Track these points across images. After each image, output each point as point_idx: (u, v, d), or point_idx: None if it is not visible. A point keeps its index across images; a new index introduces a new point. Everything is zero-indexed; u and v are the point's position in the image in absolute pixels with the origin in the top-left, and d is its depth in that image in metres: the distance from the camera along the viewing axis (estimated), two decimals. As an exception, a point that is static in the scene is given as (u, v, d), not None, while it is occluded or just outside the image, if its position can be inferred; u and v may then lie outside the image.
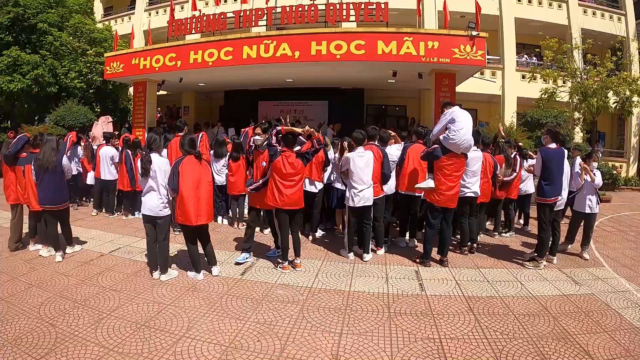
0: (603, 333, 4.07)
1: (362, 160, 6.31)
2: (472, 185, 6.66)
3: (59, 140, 7.03)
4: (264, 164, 5.97)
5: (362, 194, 6.27)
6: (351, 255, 6.47)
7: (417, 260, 6.19)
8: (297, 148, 6.02)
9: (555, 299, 4.93)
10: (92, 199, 11.02)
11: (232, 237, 7.72)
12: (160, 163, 5.69)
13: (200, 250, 5.78)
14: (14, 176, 7.24)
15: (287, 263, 5.99)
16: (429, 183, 6.11)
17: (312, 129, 6.19)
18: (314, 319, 4.32)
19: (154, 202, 5.62)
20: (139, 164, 5.78)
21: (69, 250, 6.95)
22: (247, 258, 6.23)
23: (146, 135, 6.36)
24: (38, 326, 4.29)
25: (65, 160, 6.71)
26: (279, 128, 5.94)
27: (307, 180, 7.00)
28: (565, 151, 6.36)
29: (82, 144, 10.41)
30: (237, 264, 6.11)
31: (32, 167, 6.63)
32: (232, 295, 5.02)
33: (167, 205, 5.69)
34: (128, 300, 4.92)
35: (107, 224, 9.15)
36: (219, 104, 21.85)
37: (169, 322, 4.34)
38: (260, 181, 6.04)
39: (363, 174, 6.28)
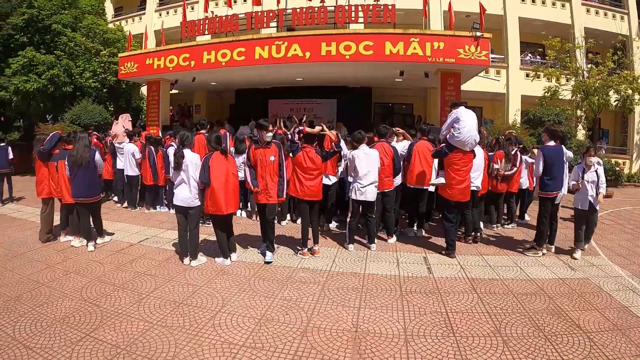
0: (594, 310, 4.48)
1: (366, 158, 6.68)
2: (475, 180, 7.06)
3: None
4: (273, 158, 6.17)
5: (365, 189, 6.66)
6: (351, 246, 6.82)
7: (443, 252, 6.50)
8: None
9: (551, 282, 5.35)
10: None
11: (251, 228, 8.10)
12: (192, 157, 6.07)
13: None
14: (47, 171, 7.58)
15: (306, 250, 6.44)
16: (440, 179, 6.52)
17: (335, 133, 6.64)
18: (335, 297, 4.78)
19: (186, 194, 6.01)
20: (171, 159, 6.23)
21: (99, 240, 7.29)
22: (266, 247, 6.50)
23: (179, 133, 6.74)
24: (83, 306, 4.68)
25: (97, 156, 7.05)
26: (300, 128, 6.39)
27: (321, 174, 7.46)
28: (564, 148, 6.69)
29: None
30: (262, 253, 6.48)
31: (66, 163, 6.94)
32: (258, 277, 5.48)
33: (197, 196, 6.07)
34: (164, 283, 5.35)
35: (131, 217, 9.58)
36: (229, 102, 22.08)
37: (204, 300, 4.78)
38: (285, 177, 6.29)
39: (367, 171, 6.65)
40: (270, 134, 6.34)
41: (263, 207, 6.37)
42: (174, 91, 18.19)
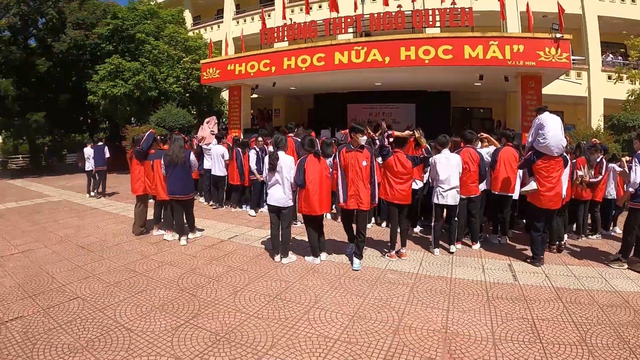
0: (680, 326, 4.43)
1: (447, 162, 6.79)
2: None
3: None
4: (365, 163, 6.08)
5: (447, 194, 6.78)
6: (437, 250, 6.89)
7: (528, 260, 6.45)
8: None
9: (637, 295, 5.27)
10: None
11: (337, 229, 8.31)
12: (286, 159, 6.41)
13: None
14: (142, 170, 8.16)
15: (394, 252, 6.61)
16: (532, 185, 6.38)
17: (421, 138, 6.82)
18: (423, 298, 5.00)
19: (280, 195, 6.36)
20: (265, 161, 6.56)
21: (191, 235, 7.80)
22: (352, 248, 6.55)
23: (275, 136, 7.12)
24: (181, 295, 5.12)
25: (192, 156, 7.55)
26: (389, 132, 6.62)
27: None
28: None
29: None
30: (348, 255, 6.63)
31: (162, 162, 7.46)
32: (348, 276, 5.76)
33: (291, 197, 6.40)
34: (256, 278, 5.73)
35: (218, 215, 10.13)
36: (308, 107, 22.55)
37: (297, 295, 5.09)
38: (376, 182, 6.31)
39: (448, 175, 6.75)
40: (365, 137, 6.25)
41: (351, 212, 6.37)
42: (254, 95, 18.88)
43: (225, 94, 21.48)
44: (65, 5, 21.61)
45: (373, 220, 8.97)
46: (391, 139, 6.74)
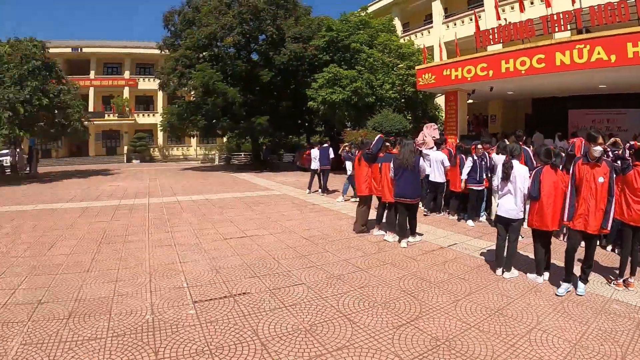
0: None
1: None
2: None
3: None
4: (602, 179, 5.48)
5: None
6: None
7: None
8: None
9: None
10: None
11: (557, 247, 7.45)
12: (520, 169, 6.38)
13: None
14: (369, 172, 8.87)
15: (621, 280, 6.02)
16: None
17: None
18: None
19: (511, 205, 6.34)
20: (498, 170, 6.68)
21: (411, 239, 8.32)
22: (567, 289, 5.91)
23: (510, 145, 7.12)
24: (402, 296, 5.53)
25: (421, 161, 7.98)
26: (632, 142, 6.21)
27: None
28: None
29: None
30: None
31: (391, 165, 8.05)
32: (571, 301, 5.58)
33: (522, 209, 6.36)
34: (477, 289, 5.88)
35: (435, 221, 10.60)
36: (524, 111, 21.86)
37: (519, 313, 5.08)
38: (613, 204, 5.61)
39: None
40: (600, 148, 5.57)
41: (577, 233, 5.80)
42: (469, 101, 18.90)
43: (438, 99, 22.01)
44: (282, 22, 24.92)
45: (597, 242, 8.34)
46: (633, 150, 6.08)
